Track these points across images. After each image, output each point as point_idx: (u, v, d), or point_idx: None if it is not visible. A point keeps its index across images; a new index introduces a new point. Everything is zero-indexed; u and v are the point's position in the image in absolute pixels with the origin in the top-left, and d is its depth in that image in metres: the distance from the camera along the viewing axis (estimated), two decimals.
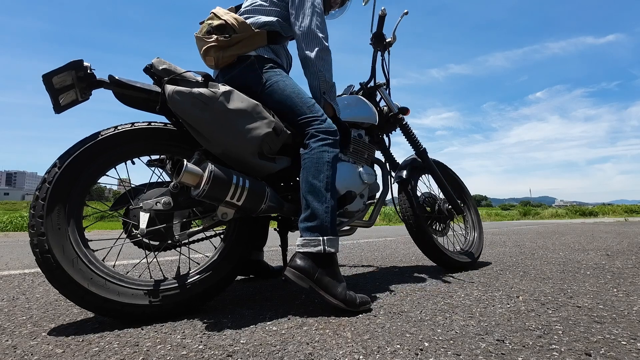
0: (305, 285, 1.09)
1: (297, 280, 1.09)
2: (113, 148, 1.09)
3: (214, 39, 1.22)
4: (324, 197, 1.16)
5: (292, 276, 1.09)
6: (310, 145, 1.20)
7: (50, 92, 1.02)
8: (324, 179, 1.17)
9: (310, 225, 1.14)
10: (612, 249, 2.69)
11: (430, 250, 1.79)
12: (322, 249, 1.11)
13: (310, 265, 1.10)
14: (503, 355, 0.78)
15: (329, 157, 1.20)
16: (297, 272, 1.09)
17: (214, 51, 1.23)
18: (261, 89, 1.26)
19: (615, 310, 1.11)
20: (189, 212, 1.20)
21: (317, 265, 1.11)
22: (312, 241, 1.12)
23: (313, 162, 1.18)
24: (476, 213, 2.19)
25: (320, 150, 1.19)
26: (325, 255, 1.12)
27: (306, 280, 1.09)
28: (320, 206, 1.15)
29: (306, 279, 1.09)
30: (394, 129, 1.88)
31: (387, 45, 1.85)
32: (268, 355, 0.80)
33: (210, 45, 1.23)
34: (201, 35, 1.27)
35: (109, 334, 0.94)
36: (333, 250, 1.14)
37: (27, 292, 1.52)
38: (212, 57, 1.24)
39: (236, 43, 1.24)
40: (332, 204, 1.17)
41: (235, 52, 1.24)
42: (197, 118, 1.08)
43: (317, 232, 1.13)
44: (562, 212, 17.70)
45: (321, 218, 1.14)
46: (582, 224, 8.02)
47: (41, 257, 0.96)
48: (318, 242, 1.12)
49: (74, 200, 1.03)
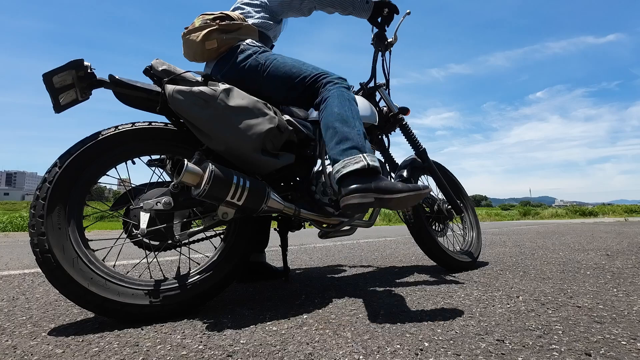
0: (370, 199, 1.01)
1: (360, 200, 1.01)
2: (113, 148, 1.09)
3: (215, 23, 1.26)
4: (353, 123, 1.14)
5: (353, 200, 1.01)
6: (328, 88, 1.22)
7: (51, 91, 1.02)
8: (349, 109, 1.17)
9: (345, 147, 1.09)
10: (612, 249, 2.69)
11: (432, 251, 1.79)
12: (366, 163, 1.05)
13: (361, 181, 1.03)
14: (503, 355, 0.78)
15: (350, 96, 1.22)
16: (355, 194, 1.01)
17: (217, 34, 1.25)
18: (262, 73, 1.29)
19: (615, 310, 1.11)
20: (189, 212, 1.20)
21: (368, 177, 1.04)
22: (353, 159, 1.07)
23: (336, 96, 1.19)
24: (474, 213, 2.19)
25: (341, 90, 1.22)
26: (371, 169, 1.06)
27: (368, 195, 1.01)
28: (351, 130, 1.12)
29: (367, 194, 1.01)
30: (394, 129, 1.87)
31: (389, 46, 1.85)
32: (268, 355, 0.80)
33: (212, 28, 1.25)
34: (194, 27, 1.28)
35: (109, 334, 0.94)
36: (377, 165, 1.08)
37: (27, 292, 1.52)
38: (214, 40, 1.25)
39: (237, 29, 1.29)
40: (363, 130, 1.16)
41: (237, 36, 1.29)
42: (198, 116, 1.08)
43: (355, 150, 1.08)
44: (562, 212, 17.70)
45: (354, 140, 1.10)
46: (582, 224, 8.02)
47: (41, 257, 0.96)
48: (359, 158, 1.07)
49: (75, 200, 1.03)
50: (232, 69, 1.29)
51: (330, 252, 2.86)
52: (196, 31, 1.27)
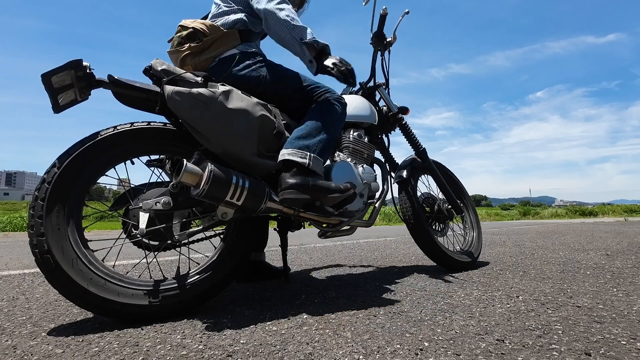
0: (307, 195, 1.14)
1: (297, 196, 1.12)
2: (112, 148, 1.09)
3: (186, 47, 1.24)
4: (323, 132, 1.25)
5: (290, 195, 1.12)
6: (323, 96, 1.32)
7: (49, 91, 1.02)
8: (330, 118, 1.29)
9: (302, 143, 1.20)
10: (612, 249, 2.69)
11: (432, 251, 1.78)
12: (308, 162, 1.17)
13: (301, 178, 1.15)
14: (503, 355, 0.78)
15: (339, 110, 1.33)
16: (294, 190, 1.13)
17: (190, 59, 1.25)
18: (265, 83, 1.29)
19: (615, 310, 1.11)
20: (188, 212, 1.19)
21: (306, 175, 1.16)
22: (300, 153, 1.18)
23: (326, 103, 1.31)
24: (474, 213, 2.19)
25: (333, 103, 1.32)
26: (310, 170, 1.18)
27: (304, 192, 1.14)
28: (317, 134, 1.24)
29: (304, 191, 1.13)
30: (394, 128, 1.87)
31: (388, 45, 1.85)
32: (268, 355, 0.80)
33: (185, 54, 1.24)
34: (173, 49, 1.27)
35: (108, 334, 0.94)
36: (316, 171, 1.20)
37: (27, 292, 1.52)
38: (189, 66, 1.25)
39: (209, 46, 1.25)
40: (327, 143, 1.26)
41: (211, 55, 1.26)
42: (196, 118, 1.08)
43: (306, 150, 1.19)
44: (562, 212, 17.70)
45: (314, 142, 1.22)
46: (581, 223, 8.02)
47: (41, 258, 0.96)
48: (306, 155, 1.18)
49: (74, 201, 1.03)
50: (229, 77, 1.27)
51: (330, 252, 2.86)
52: (175, 54, 1.27)
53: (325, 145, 1.26)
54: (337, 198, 1.22)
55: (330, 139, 1.28)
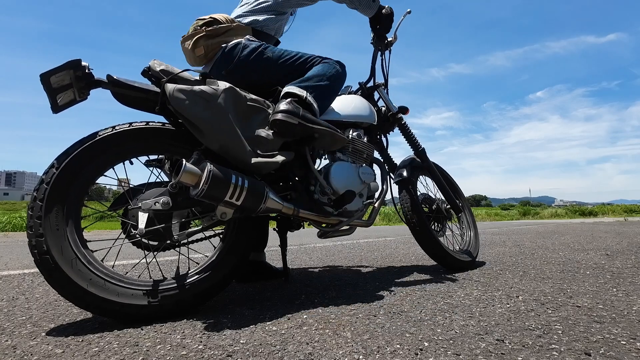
0: (294, 121, 1.20)
1: (286, 119, 1.18)
2: (111, 148, 1.08)
3: (202, 30, 1.35)
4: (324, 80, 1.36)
5: (279, 116, 1.18)
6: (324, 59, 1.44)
7: (48, 91, 1.02)
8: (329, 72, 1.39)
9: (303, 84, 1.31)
10: (612, 249, 2.69)
11: (434, 250, 1.78)
12: (305, 96, 1.27)
13: (294, 106, 1.22)
14: (503, 355, 0.78)
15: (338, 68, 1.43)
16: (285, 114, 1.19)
17: (203, 40, 1.35)
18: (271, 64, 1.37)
19: (615, 310, 1.11)
20: (187, 212, 1.19)
21: (300, 106, 1.24)
22: (299, 89, 1.28)
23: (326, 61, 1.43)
24: (470, 213, 2.20)
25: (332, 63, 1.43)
26: (306, 102, 1.27)
27: (294, 118, 1.20)
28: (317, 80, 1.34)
29: (294, 117, 1.20)
30: (393, 129, 1.87)
31: (388, 45, 1.85)
32: (268, 355, 0.80)
33: (199, 36, 1.34)
34: (188, 35, 1.37)
35: (108, 334, 0.94)
36: (314, 104, 1.29)
37: (27, 292, 1.52)
38: (201, 47, 1.35)
39: (223, 33, 1.37)
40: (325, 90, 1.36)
41: (222, 40, 1.36)
42: (198, 116, 1.08)
43: (305, 89, 1.29)
44: (562, 212, 17.71)
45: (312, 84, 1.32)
46: (581, 223, 8.03)
47: (40, 258, 0.95)
48: (304, 91, 1.28)
49: (72, 201, 1.03)
50: (236, 64, 1.34)
51: (330, 252, 2.86)
52: (188, 39, 1.37)
53: (324, 92, 1.36)
54: (324, 133, 1.27)
55: (328, 88, 1.38)
